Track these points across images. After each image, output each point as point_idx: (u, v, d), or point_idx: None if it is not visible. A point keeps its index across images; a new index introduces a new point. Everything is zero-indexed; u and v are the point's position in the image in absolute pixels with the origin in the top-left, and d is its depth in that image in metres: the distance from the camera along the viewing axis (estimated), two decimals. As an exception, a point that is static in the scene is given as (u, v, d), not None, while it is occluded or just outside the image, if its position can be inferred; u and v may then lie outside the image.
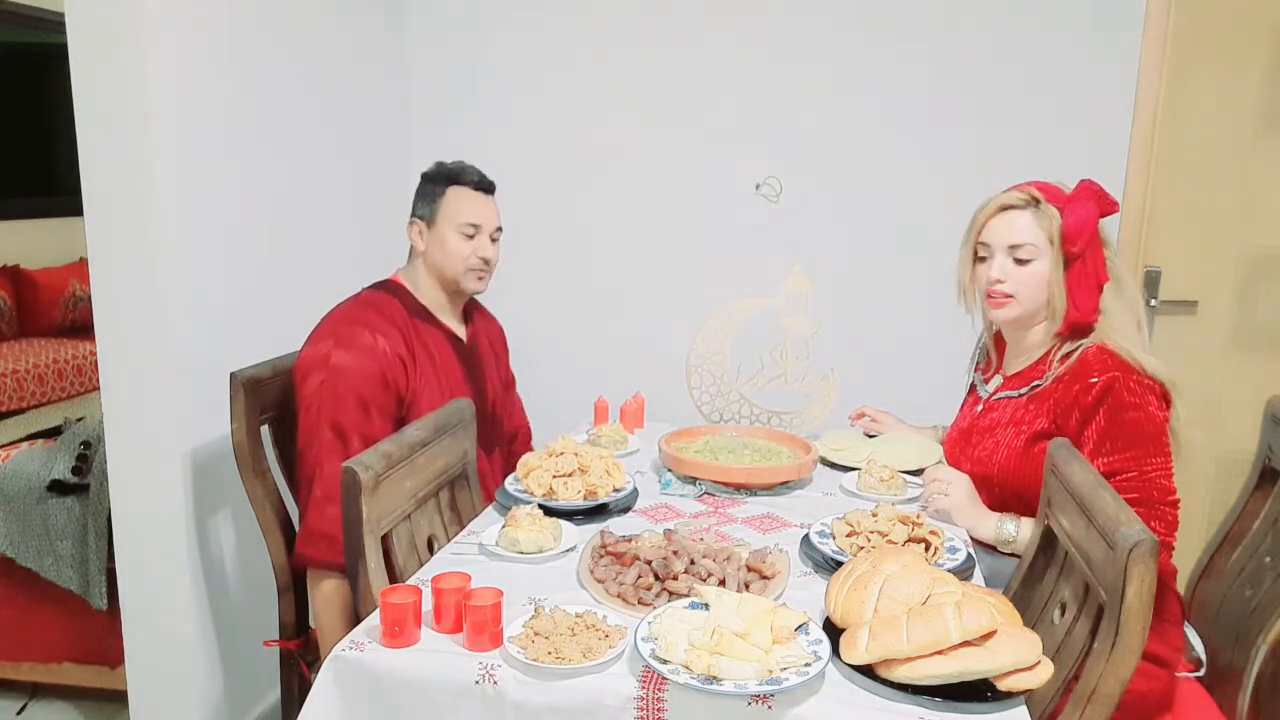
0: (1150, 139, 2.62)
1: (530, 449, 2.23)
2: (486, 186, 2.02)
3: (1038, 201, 1.69)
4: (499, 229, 2.04)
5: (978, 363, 1.97)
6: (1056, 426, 1.67)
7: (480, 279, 2.02)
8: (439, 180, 1.99)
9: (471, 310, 2.15)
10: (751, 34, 2.76)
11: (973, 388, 1.96)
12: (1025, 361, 1.79)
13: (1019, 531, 1.63)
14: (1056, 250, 1.68)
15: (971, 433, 1.84)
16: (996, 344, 1.92)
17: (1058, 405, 1.66)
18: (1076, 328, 1.70)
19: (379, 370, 1.83)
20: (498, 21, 2.89)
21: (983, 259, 1.75)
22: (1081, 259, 1.68)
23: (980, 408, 1.86)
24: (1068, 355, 1.68)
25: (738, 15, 2.76)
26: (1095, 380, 1.60)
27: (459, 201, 1.97)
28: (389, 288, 2.00)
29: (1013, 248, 1.70)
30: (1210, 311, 2.70)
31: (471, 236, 1.97)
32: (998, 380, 1.86)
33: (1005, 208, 1.72)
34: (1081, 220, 1.66)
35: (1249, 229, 2.65)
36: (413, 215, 2.01)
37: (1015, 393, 1.77)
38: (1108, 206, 1.69)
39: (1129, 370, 1.60)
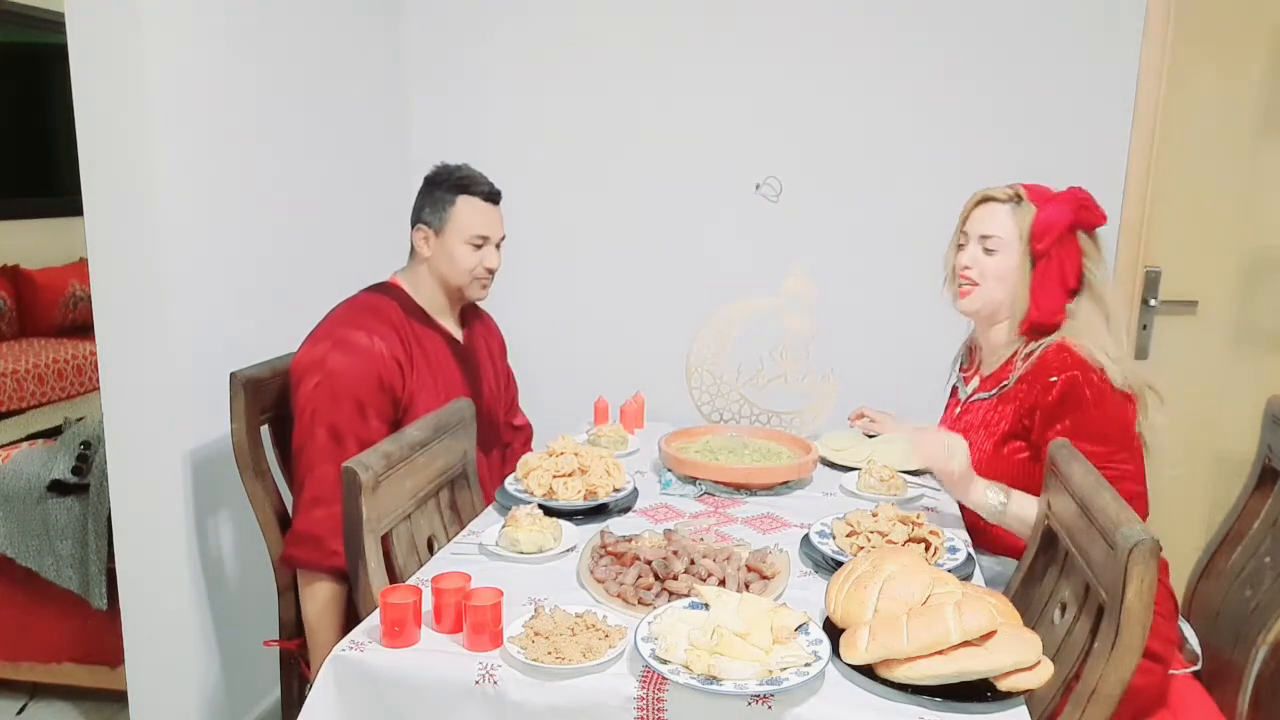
0: (1150, 139, 2.62)
1: (530, 449, 2.23)
2: (495, 197, 2.01)
3: (1020, 198, 1.73)
4: (504, 237, 2.04)
5: (961, 364, 1.98)
6: (1023, 427, 1.67)
7: (484, 287, 2.03)
8: (448, 188, 1.96)
9: (468, 312, 2.14)
10: (752, 34, 2.76)
11: (954, 390, 1.97)
12: (996, 363, 1.81)
13: (1006, 504, 1.61)
14: (1025, 246, 1.70)
15: None
16: (974, 346, 1.93)
17: (1022, 405, 1.67)
18: (1036, 327, 1.71)
19: (375, 372, 1.82)
20: (497, 22, 2.88)
21: (962, 247, 1.80)
22: (1048, 258, 1.69)
23: (959, 410, 1.87)
24: (1030, 354, 1.69)
25: (738, 15, 2.76)
26: (1054, 379, 1.61)
27: (469, 213, 1.95)
28: (386, 290, 1.99)
29: (983, 237, 1.75)
30: (1210, 311, 2.70)
31: (479, 247, 1.97)
32: (975, 382, 1.87)
33: (987, 199, 1.76)
34: (1049, 219, 1.68)
35: (1249, 229, 2.65)
36: (418, 220, 1.98)
37: (987, 394, 1.79)
38: (1090, 217, 1.70)
39: (1088, 368, 1.61)
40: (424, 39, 2.93)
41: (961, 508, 1.73)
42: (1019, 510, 1.60)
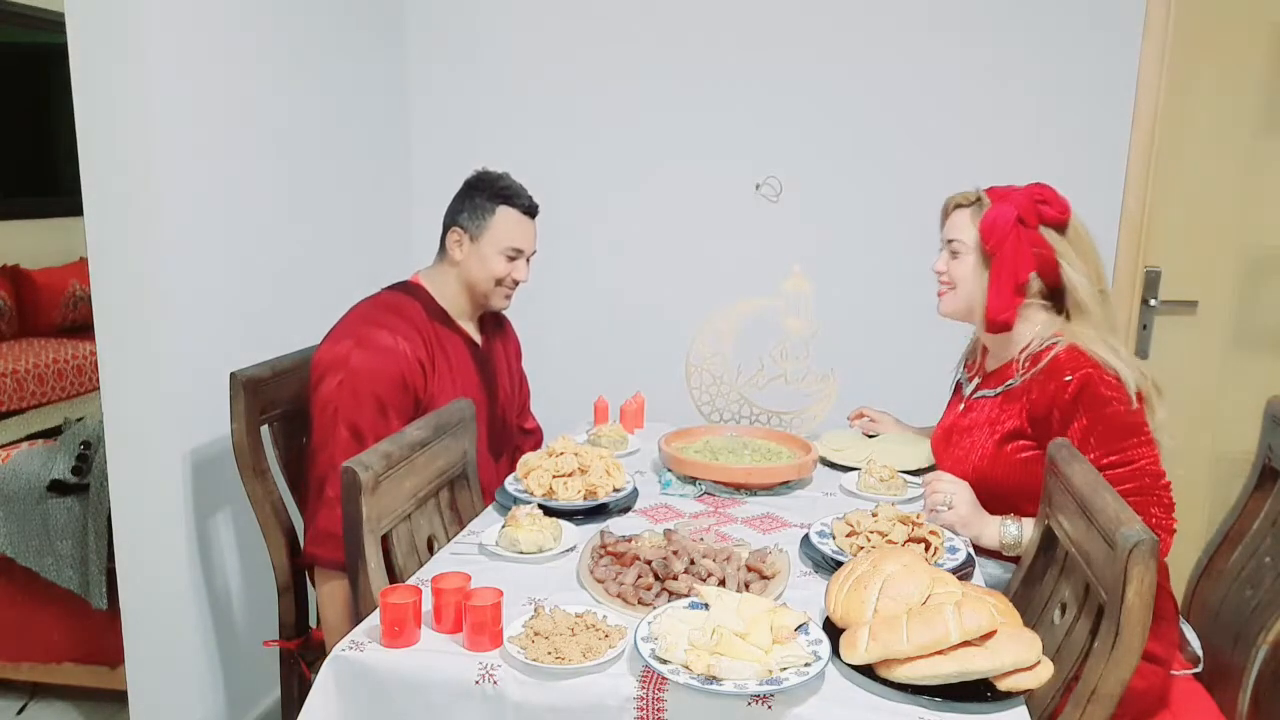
0: (1150, 138, 2.62)
1: None
2: (534, 211, 2.01)
3: (980, 199, 1.75)
4: (534, 252, 2.04)
5: (967, 360, 1.98)
6: (1032, 426, 1.67)
7: (508, 297, 2.03)
8: (489, 196, 1.96)
9: (487, 316, 2.13)
10: (751, 33, 2.76)
11: (958, 386, 1.97)
12: (1000, 361, 1.81)
13: (1021, 533, 1.62)
14: (979, 246, 1.73)
15: (952, 432, 1.86)
16: (982, 345, 1.93)
17: (1033, 405, 1.67)
18: (994, 326, 1.73)
19: (398, 372, 1.82)
20: (496, 23, 2.89)
21: (941, 253, 1.84)
22: (999, 257, 1.70)
23: (962, 407, 1.87)
24: (1038, 356, 1.69)
25: (738, 15, 2.76)
26: (1069, 378, 1.61)
27: (509, 225, 1.96)
28: (409, 289, 1.99)
29: (949, 241, 1.79)
30: (1210, 311, 2.70)
31: (513, 259, 1.98)
32: (979, 380, 1.87)
33: (956, 204, 1.80)
34: (992, 220, 1.70)
35: (1249, 229, 2.65)
36: (453, 223, 1.97)
37: (992, 392, 1.79)
38: (1048, 212, 1.69)
39: (1101, 369, 1.61)
40: (425, 40, 2.93)
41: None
42: (1036, 535, 1.58)
